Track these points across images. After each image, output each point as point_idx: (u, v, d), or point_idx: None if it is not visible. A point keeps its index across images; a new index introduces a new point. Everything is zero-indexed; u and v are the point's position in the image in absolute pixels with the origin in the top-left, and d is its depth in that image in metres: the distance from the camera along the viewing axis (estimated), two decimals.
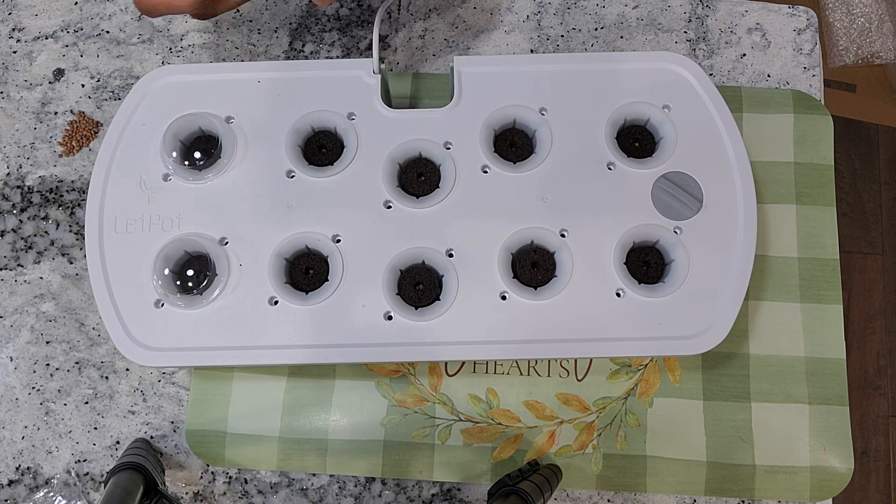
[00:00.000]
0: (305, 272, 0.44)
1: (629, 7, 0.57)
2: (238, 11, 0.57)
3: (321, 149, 0.46)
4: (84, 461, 0.50)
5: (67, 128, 0.55)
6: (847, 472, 0.48)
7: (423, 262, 0.44)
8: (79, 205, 0.54)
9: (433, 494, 0.49)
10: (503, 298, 0.43)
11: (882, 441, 1.23)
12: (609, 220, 0.44)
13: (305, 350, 0.42)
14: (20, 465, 0.50)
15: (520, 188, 0.44)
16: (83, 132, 0.55)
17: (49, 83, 0.56)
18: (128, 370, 0.51)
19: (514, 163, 0.45)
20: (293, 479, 0.49)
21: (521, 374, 0.50)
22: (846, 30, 1.22)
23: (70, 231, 0.53)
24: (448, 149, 0.45)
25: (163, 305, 0.43)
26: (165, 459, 0.50)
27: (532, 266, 0.44)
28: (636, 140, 0.46)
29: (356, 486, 0.49)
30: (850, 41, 1.22)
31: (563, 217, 0.44)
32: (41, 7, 0.58)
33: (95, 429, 0.50)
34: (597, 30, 0.56)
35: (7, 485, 0.50)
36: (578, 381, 0.50)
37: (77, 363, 0.51)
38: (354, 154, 0.45)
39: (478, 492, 0.49)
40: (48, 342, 0.51)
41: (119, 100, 0.56)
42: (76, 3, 0.58)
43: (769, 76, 0.56)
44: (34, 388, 0.51)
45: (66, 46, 0.57)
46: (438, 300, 0.43)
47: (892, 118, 1.36)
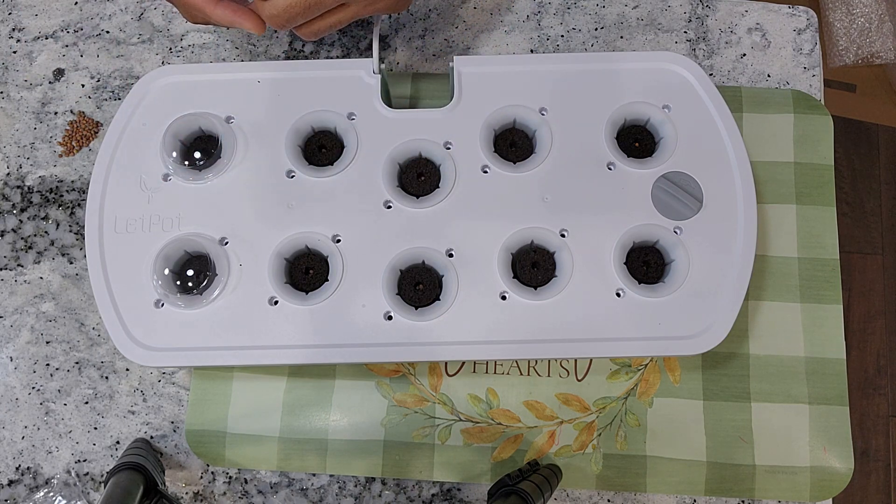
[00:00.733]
0: (305, 272, 0.44)
1: (629, 7, 0.57)
2: None
3: (321, 149, 0.46)
4: (84, 461, 0.50)
5: (67, 128, 0.55)
6: (847, 472, 0.48)
7: (423, 262, 0.44)
8: (79, 205, 0.54)
9: (433, 494, 0.49)
10: (503, 298, 0.43)
11: (882, 441, 1.23)
12: (609, 220, 0.44)
13: (305, 350, 0.42)
14: (20, 465, 0.50)
15: (520, 188, 0.44)
16: (83, 132, 0.55)
17: (49, 83, 0.56)
18: (128, 370, 0.51)
19: (514, 163, 0.45)
20: (293, 479, 0.49)
21: (521, 374, 0.50)
22: (846, 30, 1.22)
23: (70, 231, 0.53)
24: (448, 149, 0.45)
25: (163, 305, 0.43)
26: (165, 459, 0.50)
27: (532, 266, 0.44)
28: (636, 140, 0.46)
29: (356, 486, 0.49)
30: (850, 41, 1.22)
31: (563, 217, 0.44)
32: (41, 7, 0.58)
33: (95, 429, 0.50)
34: (597, 30, 0.56)
35: (7, 485, 0.50)
36: (578, 381, 0.50)
37: (77, 363, 0.51)
38: (354, 154, 0.45)
39: (478, 492, 0.49)
40: (48, 342, 0.51)
41: (119, 100, 0.56)
42: (76, 3, 0.58)
43: (769, 76, 0.56)
44: (34, 388, 0.51)
45: (66, 46, 0.57)
46: (438, 300, 0.43)
47: (892, 118, 1.36)
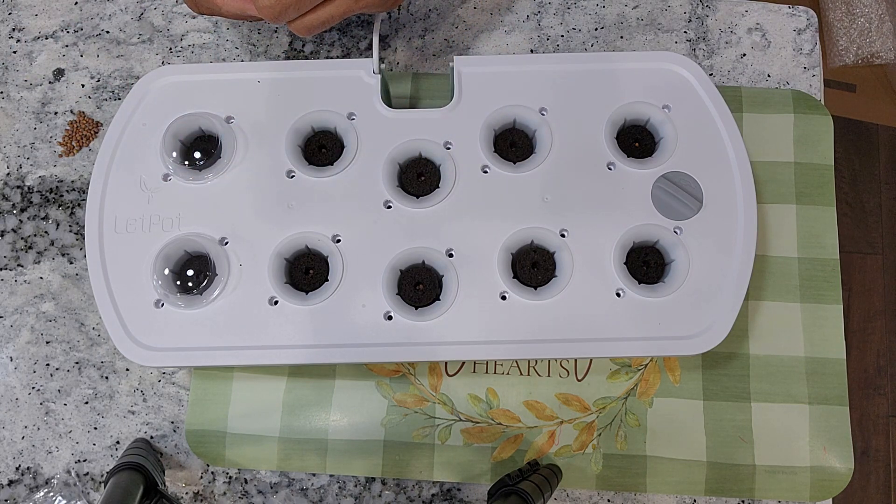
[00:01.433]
0: (305, 272, 0.44)
1: (629, 7, 0.57)
2: None
3: (321, 149, 0.46)
4: (84, 461, 0.50)
5: (67, 128, 0.55)
6: (847, 472, 0.48)
7: (423, 262, 0.44)
8: (79, 205, 0.54)
9: (433, 494, 0.49)
10: (503, 298, 0.43)
11: (882, 441, 1.23)
12: (609, 220, 0.44)
13: (305, 350, 0.42)
14: (20, 465, 0.50)
15: (520, 188, 0.44)
16: (83, 132, 0.55)
17: (49, 83, 0.56)
18: (128, 370, 0.51)
19: (514, 163, 0.45)
20: (293, 479, 0.49)
21: (521, 374, 0.50)
22: (846, 30, 1.22)
23: (70, 231, 0.53)
24: (448, 149, 0.45)
25: (163, 305, 0.43)
26: (165, 459, 0.50)
27: (532, 266, 0.44)
28: (636, 140, 0.46)
29: (356, 486, 0.49)
30: (850, 41, 1.22)
31: (563, 217, 0.44)
32: (41, 7, 0.58)
33: (95, 429, 0.50)
34: (597, 30, 0.56)
35: (7, 485, 0.50)
36: (578, 381, 0.50)
37: (77, 363, 0.51)
38: (354, 154, 0.45)
39: (478, 492, 0.49)
40: (48, 342, 0.51)
41: (119, 100, 0.56)
42: (76, 3, 0.58)
43: (769, 76, 0.56)
44: (34, 388, 0.51)
45: (66, 46, 0.57)
46: (438, 300, 0.43)
47: (892, 118, 1.36)
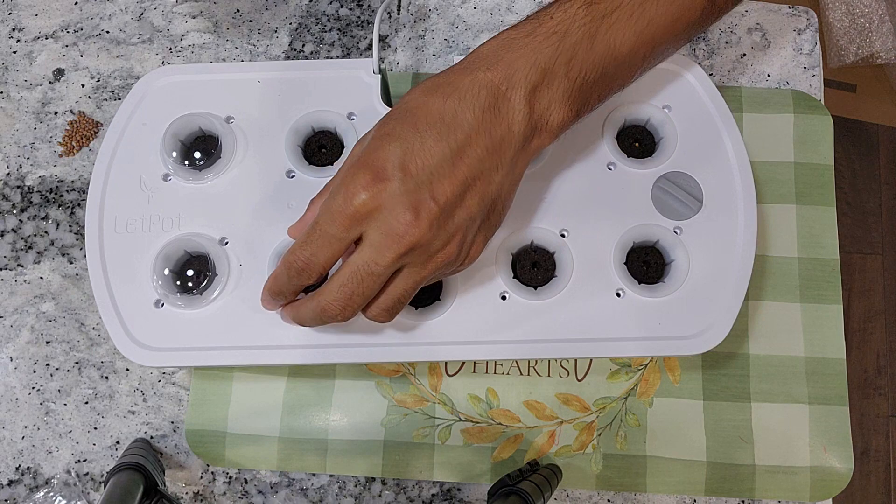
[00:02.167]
0: None
1: None
2: (238, 11, 0.57)
3: (321, 149, 0.46)
4: (84, 461, 0.50)
5: (67, 128, 0.55)
6: (847, 472, 0.48)
7: None
8: (79, 205, 0.54)
9: (433, 494, 0.49)
10: (503, 298, 0.43)
11: (882, 441, 1.23)
12: (609, 220, 0.44)
13: (305, 350, 0.42)
14: (20, 465, 0.50)
15: (520, 188, 0.44)
16: (83, 132, 0.55)
17: (49, 83, 0.56)
18: (128, 370, 0.51)
19: None
20: (293, 479, 0.49)
21: (521, 374, 0.50)
22: (846, 30, 1.22)
23: (70, 231, 0.53)
24: None
25: (163, 305, 0.43)
26: (165, 459, 0.50)
27: (532, 266, 0.44)
28: (636, 140, 0.46)
29: (356, 486, 0.49)
30: (850, 41, 1.22)
31: (563, 217, 0.44)
32: (41, 7, 0.58)
33: (95, 429, 0.50)
34: None
35: (7, 485, 0.50)
36: (578, 381, 0.50)
37: (77, 363, 0.51)
38: None
39: (478, 492, 0.49)
40: (48, 342, 0.51)
41: (119, 100, 0.56)
42: (76, 3, 0.58)
43: (769, 76, 0.56)
44: (34, 388, 0.51)
45: (66, 46, 0.57)
46: (438, 300, 0.43)
47: (892, 118, 1.36)
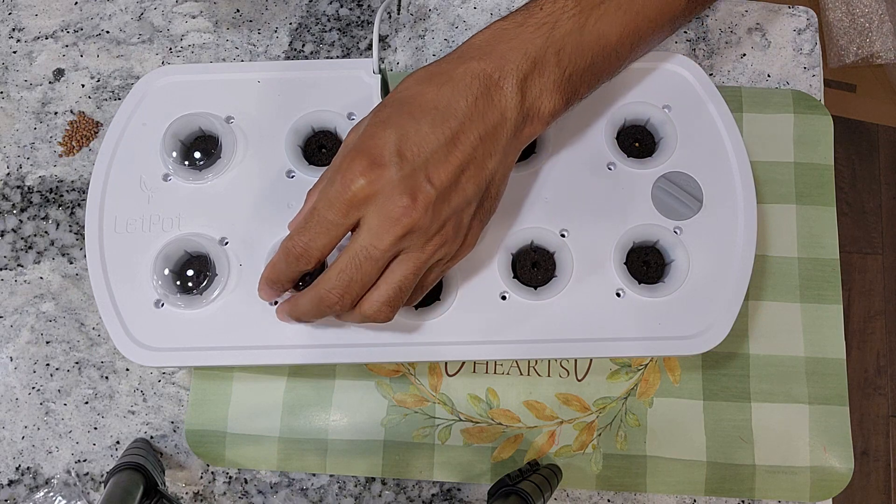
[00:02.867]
0: (306, 272, 0.44)
1: None
2: (238, 11, 0.57)
3: (321, 149, 0.46)
4: (84, 461, 0.50)
5: (67, 128, 0.55)
6: (847, 472, 0.48)
7: None
8: (79, 205, 0.54)
9: (433, 494, 0.49)
10: (503, 298, 0.43)
11: (882, 441, 1.23)
12: (609, 220, 0.44)
13: (305, 350, 0.42)
14: (20, 465, 0.50)
15: (520, 188, 0.44)
16: (83, 132, 0.55)
17: (49, 83, 0.56)
18: (128, 370, 0.51)
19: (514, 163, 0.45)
20: (293, 479, 0.49)
21: (521, 374, 0.50)
22: (846, 30, 1.22)
23: (70, 231, 0.53)
24: None
25: (163, 305, 0.43)
26: (165, 459, 0.50)
27: (532, 266, 0.44)
28: (636, 140, 0.46)
29: (356, 486, 0.49)
30: (850, 41, 1.22)
31: (563, 217, 0.44)
32: (41, 7, 0.58)
33: (95, 429, 0.50)
34: None
35: (7, 485, 0.50)
36: (578, 381, 0.50)
37: (77, 363, 0.51)
38: None
39: (478, 492, 0.49)
40: (48, 342, 0.51)
41: (119, 100, 0.56)
42: (76, 3, 0.58)
43: (769, 76, 0.56)
44: (34, 388, 0.51)
45: (66, 46, 0.57)
46: (438, 300, 0.43)
47: (892, 118, 1.36)
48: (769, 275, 0.51)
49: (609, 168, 0.45)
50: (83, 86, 0.56)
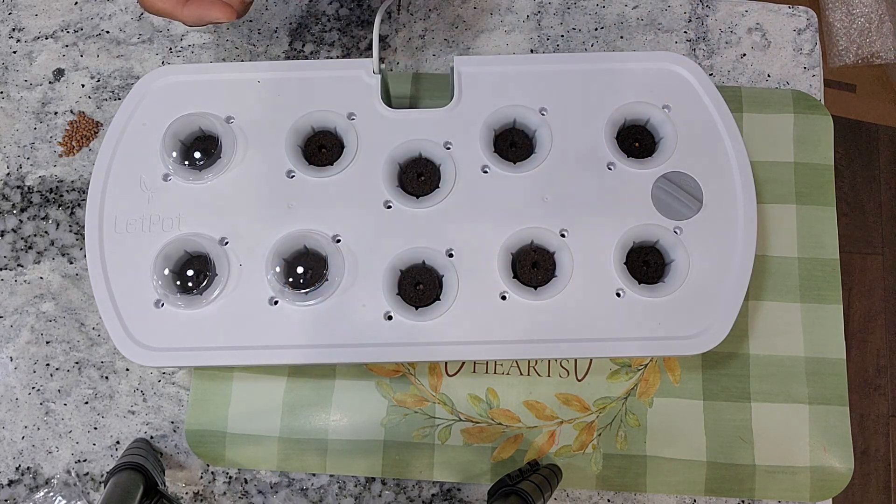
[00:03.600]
0: (305, 272, 0.44)
1: (629, 7, 0.57)
2: None
3: (321, 149, 0.46)
4: (84, 461, 0.50)
5: (67, 128, 0.55)
6: (847, 472, 0.48)
7: (423, 262, 0.44)
8: (79, 205, 0.54)
9: (433, 494, 0.49)
10: (503, 298, 0.43)
11: (882, 441, 1.23)
12: (609, 220, 0.44)
13: (305, 350, 0.42)
14: (20, 465, 0.50)
15: (520, 188, 0.44)
16: (83, 132, 0.55)
17: (49, 83, 0.56)
18: (128, 370, 0.51)
19: (514, 163, 0.45)
20: (293, 479, 0.49)
21: (521, 374, 0.50)
22: (846, 30, 1.22)
23: (70, 231, 0.53)
24: (448, 149, 0.45)
25: (163, 305, 0.43)
26: (165, 459, 0.50)
27: (532, 266, 0.44)
28: (636, 140, 0.46)
29: (356, 486, 0.49)
30: (850, 41, 1.22)
31: (563, 217, 0.44)
32: (41, 7, 0.58)
33: (95, 429, 0.50)
34: (597, 30, 0.56)
35: (7, 485, 0.50)
36: (578, 381, 0.50)
37: (77, 363, 0.51)
38: (354, 154, 0.45)
39: (478, 492, 0.49)
40: (48, 342, 0.51)
41: (119, 100, 0.56)
42: (76, 3, 0.58)
43: (769, 76, 0.56)
44: (34, 388, 0.51)
45: (66, 46, 0.57)
46: (438, 300, 0.43)
47: (892, 118, 1.36)
48: (769, 275, 0.51)
49: (609, 168, 0.45)
50: (83, 86, 0.56)
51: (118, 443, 0.50)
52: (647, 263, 0.44)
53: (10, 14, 0.57)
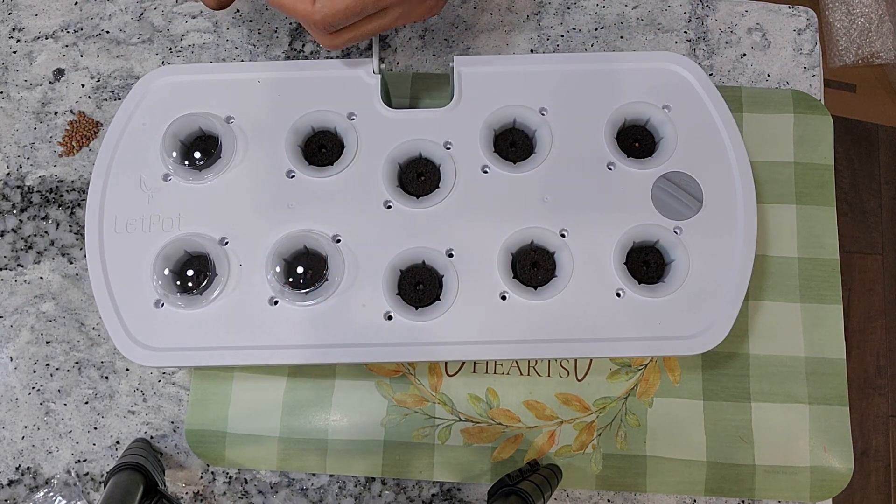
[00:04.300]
0: (305, 272, 0.44)
1: (629, 7, 0.57)
2: (238, 11, 0.57)
3: (321, 149, 0.46)
4: (84, 461, 0.50)
5: (67, 128, 0.55)
6: (847, 472, 0.48)
7: (423, 262, 0.44)
8: (79, 205, 0.54)
9: (433, 494, 0.49)
10: (503, 298, 0.43)
11: (882, 441, 1.23)
12: (609, 220, 0.44)
13: (305, 350, 0.42)
14: (20, 465, 0.50)
15: (520, 188, 0.44)
16: (83, 132, 0.55)
17: (49, 83, 0.56)
18: (128, 370, 0.51)
19: (514, 163, 0.45)
20: (293, 479, 0.49)
21: (521, 374, 0.50)
22: (846, 30, 1.22)
23: (70, 231, 0.53)
24: (448, 149, 0.45)
25: (163, 305, 0.43)
26: (165, 459, 0.50)
27: (532, 266, 0.44)
28: (636, 140, 0.46)
29: (356, 486, 0.49)
30: (850, 41, 1.22)
31: (563, 217, 0.44)
32: (41, 7, 0.58)
33: (95, 429, 0.50)
34: (597, 30, 0.56)
35: (7, 485, 0.50)
36: (578, 381, 0.50)
37: (77, 363, 0.51)
38: (354, 154, 0.45)
39: (478, 492, 0.49)
40: (48, 342, 0.51)
41: (119, 100, 0.56)
42: (76, 3, 0.58)
43: (769, 76, 0.56)
44: (34, 388, 0.51)
45: (66, 46, 0.57)
46: (438, 300, 0.43)
47: (892, 118, 1.36)
48: (769, 275, 0.51)
49: (609, 168, 0.45)
50: (83, 86, 0.56)
51: (118, 443, 0.50)
52: (647, 263, 0.44)
53: (10, 14, 0.57)
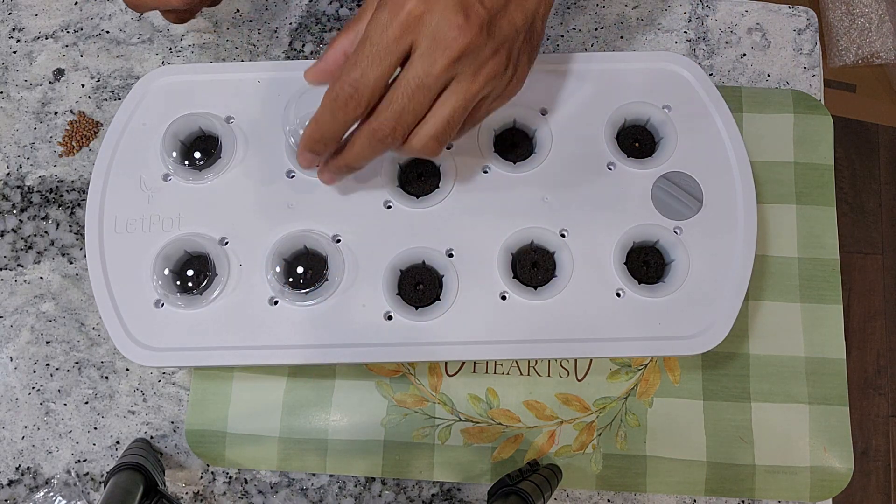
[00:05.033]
0: (305, 272, 0.44)
1: (629, 7, 0.57)
2: (238, 11, 0.57)
3: None
4: (84, 461, 0.50)
5: (67, 128, 0.55)
6: (847, 472, 0.48)
7: (423, 262, 0.44)
8: (79, 205, 0.54)
9: (433, 494, 0.49)
10: (503, 298, 0.43)
11: (882, 441, 1.23)
12: (609, 220, 0.44)
13: (305, 350, 0.42)
14: (20, 465, 0.50)
15: (520, 188, 0.44)
16: (83, 132, 0.55)
17: (49, 83, 0.56)
18: (128, 370, 0.51)
19: (514, 163, 0.45)
20: (293, 479, 0.49)
21: (521, 374, 0.50)
22: (846, 30, 1.22)
23: (70, 231, 0.53)
24: (448, 149, 0.45)
25: (163, 305, 0.43)
26: (165, 459, 0.50)
27: (532, 266, 0.44)
28: (636, 140, 0.46)
29: (356, 486, 0.49)
30: (850, 41, 1.22)
31: (563, 217, 0.44)
32: (41, 7, 0.58)
33: (95, 429, 0.50)
34: (597, 30, 0.56)
35: (7, 485, 0.50)
36: (578, 381, 0.50)
37: (77, 363, 0.51)
38: None
39: (478, 492, 0.49)
40: (48, 342, 0.51)
41: (119, 100, 0.56)
42: (76, 3, 0.58)
43: (769, 76, 0.56)
44: (34, 388, 0.51)
45: (66, 46, 0.57)
46: (438, 300, 0.43)
47: (892, 118, 1.36)
48: (769, 275, 0.51)
49: (609, 168, 0.45)
50: (83, 86, 0.56)
51: (118, 443, 0.50)
52: (647, 263, 0.44)
53: (10, 14, 0.57)
